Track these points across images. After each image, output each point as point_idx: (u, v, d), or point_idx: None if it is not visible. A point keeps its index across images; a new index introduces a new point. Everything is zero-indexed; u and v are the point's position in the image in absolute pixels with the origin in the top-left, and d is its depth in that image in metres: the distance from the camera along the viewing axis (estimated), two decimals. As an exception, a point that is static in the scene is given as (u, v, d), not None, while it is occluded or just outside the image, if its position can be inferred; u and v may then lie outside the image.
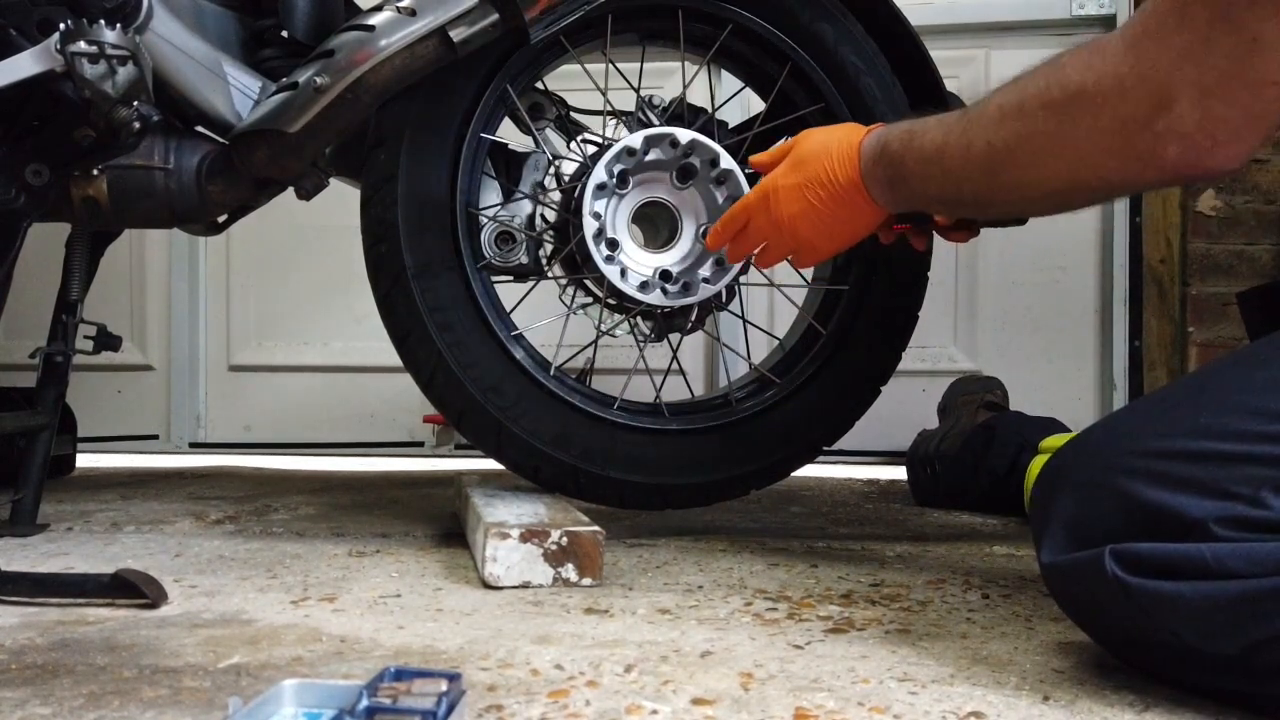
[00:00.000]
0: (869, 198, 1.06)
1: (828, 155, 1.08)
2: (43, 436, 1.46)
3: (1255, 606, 0.66)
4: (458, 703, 0.64)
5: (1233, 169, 0.76)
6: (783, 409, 1.45)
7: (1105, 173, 0.81)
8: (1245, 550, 0.67)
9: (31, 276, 1.75)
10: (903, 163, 1.01)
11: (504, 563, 1.10)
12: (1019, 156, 0.87)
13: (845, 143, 1.08)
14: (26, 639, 0.90)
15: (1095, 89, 0.78)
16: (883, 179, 1.04)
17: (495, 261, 1.42)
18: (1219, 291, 2.12)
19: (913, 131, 1.00)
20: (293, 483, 2.07)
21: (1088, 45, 0.81)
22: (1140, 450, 0.74)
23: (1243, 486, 0.69)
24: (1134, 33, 0.76)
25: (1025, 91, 0.85)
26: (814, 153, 1.10)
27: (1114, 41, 0.78)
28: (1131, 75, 0.75)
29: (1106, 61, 0.77)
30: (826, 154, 1.08)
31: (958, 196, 0.98)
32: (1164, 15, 0.74)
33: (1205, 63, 0.71)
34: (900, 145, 1.01)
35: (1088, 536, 0.74)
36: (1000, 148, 0.88)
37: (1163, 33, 0.73)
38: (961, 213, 1.06)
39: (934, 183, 0.98)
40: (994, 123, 0.88)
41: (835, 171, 1.07)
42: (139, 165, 1.37)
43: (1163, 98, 0.73)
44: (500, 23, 1.29)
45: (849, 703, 0.74)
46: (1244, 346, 0.84)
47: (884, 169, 1.03)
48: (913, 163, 0.99)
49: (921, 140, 0.98)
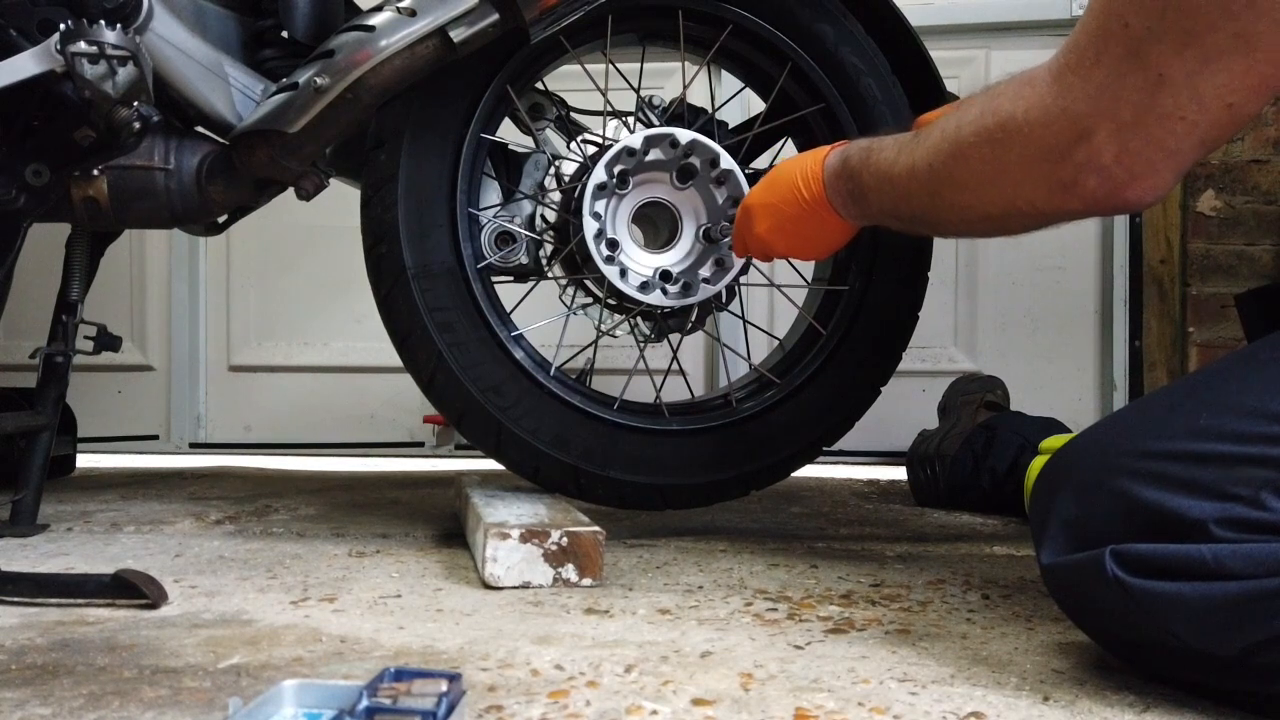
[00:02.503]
0: (834, 211, 1.10)
1: (797, 173, 1.13)
2: (43, 437, 1.46)
3: (1255, 607, 0.66)
4: (458, 703, 0.64)
5: (1150, 202, 0.78)
6: (783, 409, 1.45)
7: (1034, 199, 0.83)
8: (1245, 551, 0.67)
9: (31, 276, 1.75)
10: (861, 178, 1.04)
11: (504, 563, 1.10)
12: (957, 179, 0.89)
13: (812, 160, 1.12)
14: (26, 639, 0.90)
15: (1024, 119, 0.80)
16: (844, 193, 1.08)
17: (495, 262, 1.42)
18: (1219, 292, 2.12)
19: (870, 149, 1.04)
20: (293, 483, 2.07)
21: (1020, 76, 0.83)
22: (1140, 451, 0.74)
23: (1242, 488, 0.69)
24: (1059, 65, 0.78)
25: (964, 117, 0.87)
26: (785, 170, 1.15)
27: (1042, 73, 0.80)
28: (1055, 107, 0.77)
29: (1035, 92, 0.80)
30: (795, 172, 1.13)
31: (910, 214, 1.01)
32: (1084, 50, 0.75)
33: (1120, 98, 0.73)
34: (859, 161, 1.05)
35: (1087, 537, 0.75)
36: (940, 170, 0.91)
37: (1083, 67, 0.75)
38: (916, 229, 1.09)
39: (888, 199, 1.01)
40: (935, 146, 0.91)
41: (801, 189, 1.12)
42: (139, 165, 1.37)
43: (1083, 130, 0.76)
44: (500, 23, 1.29)
45: (849, 703, 0.74)
46: (1243, 347, 0.84)
47: (845, 183, 1.07)
48: (869, 179, 1.03)
49: (878, 158, 1.01)
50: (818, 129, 1.49)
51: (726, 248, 1.40)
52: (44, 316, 1.52)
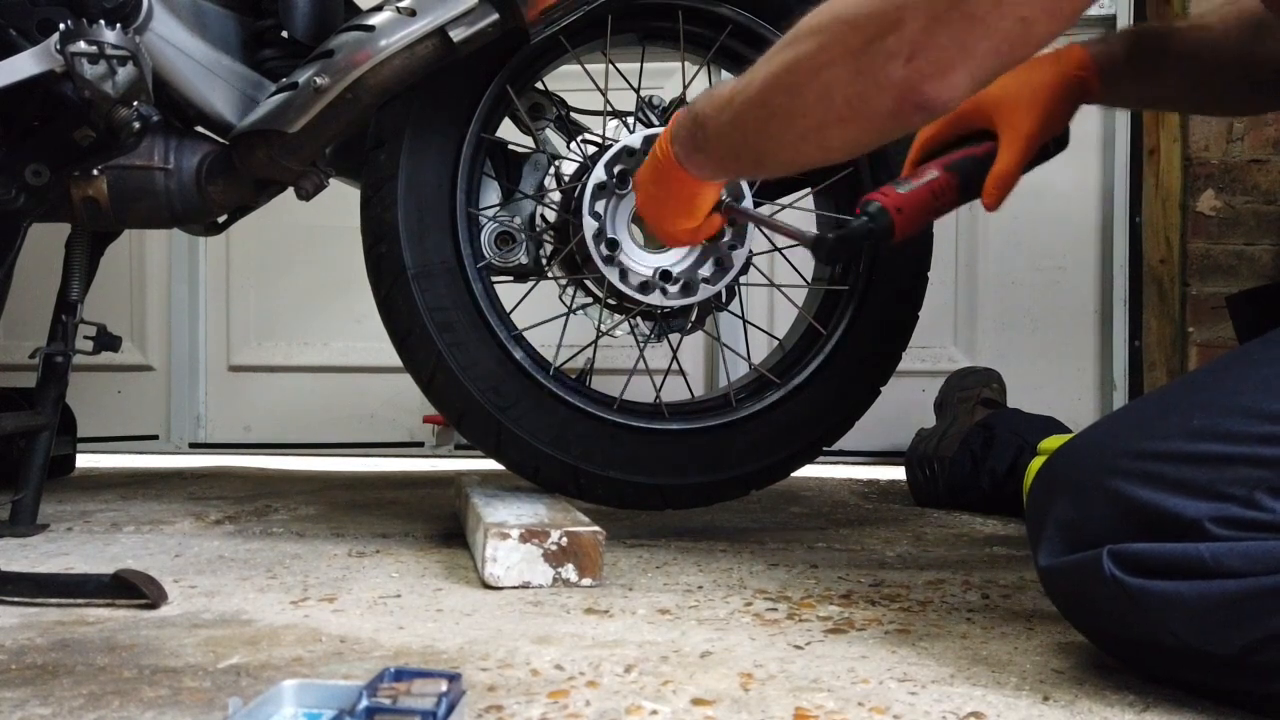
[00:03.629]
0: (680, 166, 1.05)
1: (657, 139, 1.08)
2: (43, 437, 1.46)
3: (1254, 604, 0.66)
4: (458, 703, 0.64)
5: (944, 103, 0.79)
6: (783, 409, 1.45)
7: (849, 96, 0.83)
8: (1243, 549, 0.67)
9: (31, 276, 1.75)
10: (703, 116, 1.00)
11: (504, 563, 1.10)
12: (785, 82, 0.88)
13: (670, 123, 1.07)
14: (26, 639, 0.90)
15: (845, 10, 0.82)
16: (688, 142, 1.03)
17: (495, 262, 1.42)
18: (1219, 292, 2.12)
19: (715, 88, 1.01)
20: (293, 483, 2.07)
21: None
22: (1134, 452, 0.74)
23: (1237, 488, 0.69)
24: None
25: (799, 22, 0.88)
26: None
27: None
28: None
29: None
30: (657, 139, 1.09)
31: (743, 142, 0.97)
32: None
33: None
34: (703, 100, 1.01)
35: (1084, 539, 0.75)
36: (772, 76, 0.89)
37: None
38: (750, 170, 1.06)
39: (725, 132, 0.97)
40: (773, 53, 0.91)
41: (656, 153, 1.08)
42: (139, 165, 1.37)
43: (896, 19, 0.78)
44: (500, 23, 1.29)
45: (849, 703, 0.74)
46: (1237, 348, 0.85)
47: (688, 130, 1.02)
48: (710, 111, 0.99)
49: (720, 89, 0.98)
50: (818, 129, 1.49)
51: (726, 248, 1.40)
52: (44, 316, 1.52)
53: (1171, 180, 2.15)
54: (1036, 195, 2.27)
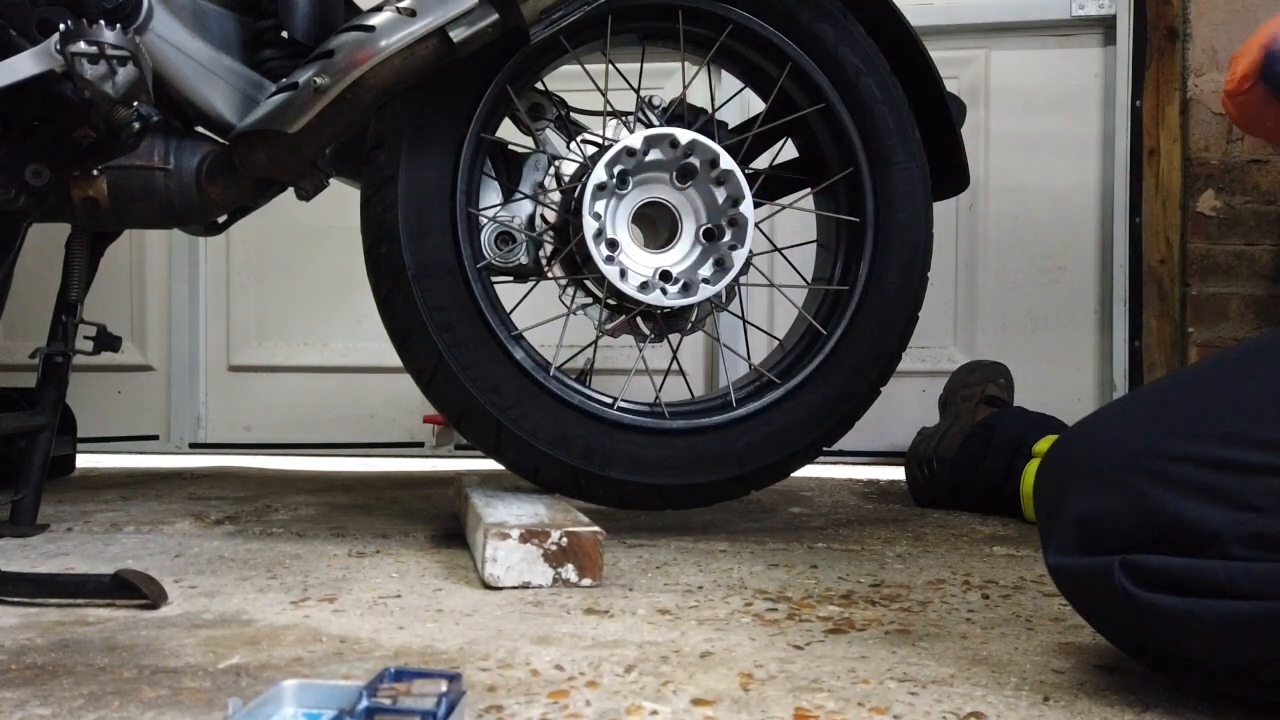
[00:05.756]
0: None
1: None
2: (43, 437, 1.46)
3: (1268, 627, 0.64)
4: (458, 703, 0.64)
5: None
6: (783, 409, 1.45)
7: None
8: (1261, 571, 0.65)
9: (31, 276, 1.75)
10: None
11: (504, 563, 1.10)
12: None
13: None
14: (26, 639, 0.90)
15: None
16: None
17: (495, 262, 1.42)
18: (1219, 292, 2.12)
19: None
20: (293, 483, 2.07)
21: None
22: (1160, 451, 0.71)
23: (1264, 499, 0.67)
24: None
25: None
26: None
27: None
28: None
29: None
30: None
31: None
32: None
33: None
34: None
35: (1098, 538, 0.72)
36: None
37: None
38: None
39: None
40: None
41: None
42: (139, 165, 1.37)
43: None
44: (500, 23, 1.28)
45: (849, 703, 0.74)
46: (1266, 336, 0.78)
47: None
48: None
49: None
50: (818, 129, 1.49)
51: (726, 247, 1.40)
52: (44, 316, 1.52)
53: (1172, 180, 2.14)
54: (1037, 195, 2.27)
